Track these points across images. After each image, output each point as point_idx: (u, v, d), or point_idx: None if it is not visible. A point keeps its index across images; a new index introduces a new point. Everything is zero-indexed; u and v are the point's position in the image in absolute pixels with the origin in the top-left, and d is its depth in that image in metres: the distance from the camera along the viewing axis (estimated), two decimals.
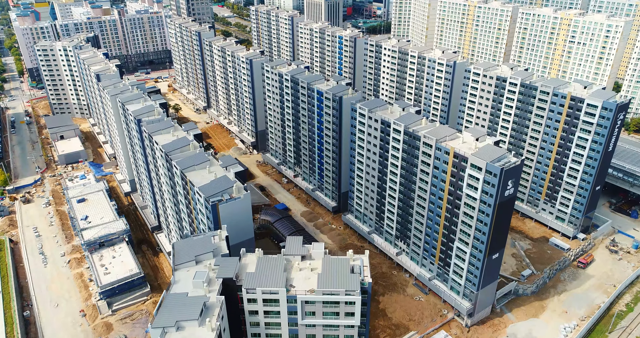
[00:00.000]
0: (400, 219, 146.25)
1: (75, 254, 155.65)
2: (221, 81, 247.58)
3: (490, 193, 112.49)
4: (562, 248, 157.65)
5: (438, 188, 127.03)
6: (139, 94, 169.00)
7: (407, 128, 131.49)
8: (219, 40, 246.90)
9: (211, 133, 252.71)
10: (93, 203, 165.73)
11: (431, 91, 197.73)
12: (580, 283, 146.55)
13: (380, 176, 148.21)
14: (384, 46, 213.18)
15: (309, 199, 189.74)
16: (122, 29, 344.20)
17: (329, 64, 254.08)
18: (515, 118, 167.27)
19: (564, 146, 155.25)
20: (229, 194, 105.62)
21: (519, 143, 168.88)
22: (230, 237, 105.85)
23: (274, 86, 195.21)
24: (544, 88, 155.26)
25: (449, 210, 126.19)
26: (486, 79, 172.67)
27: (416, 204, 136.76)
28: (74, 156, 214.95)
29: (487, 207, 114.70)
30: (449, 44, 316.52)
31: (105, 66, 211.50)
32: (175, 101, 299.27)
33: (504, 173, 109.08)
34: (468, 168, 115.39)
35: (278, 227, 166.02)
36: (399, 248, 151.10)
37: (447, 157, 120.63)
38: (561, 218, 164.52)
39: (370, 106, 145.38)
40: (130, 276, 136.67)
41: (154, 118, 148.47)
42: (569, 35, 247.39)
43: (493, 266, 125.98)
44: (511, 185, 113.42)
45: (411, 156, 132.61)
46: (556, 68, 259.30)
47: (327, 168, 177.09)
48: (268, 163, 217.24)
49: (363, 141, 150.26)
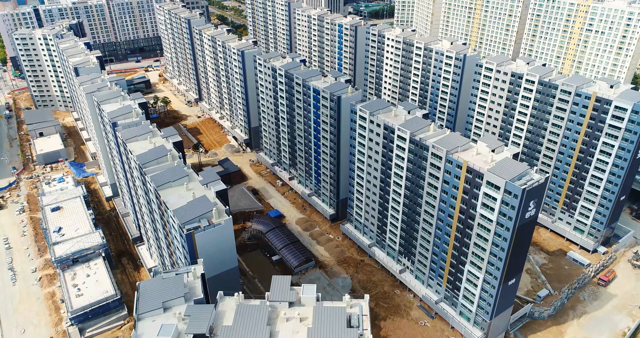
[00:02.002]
0: (404, 234, 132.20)
1: (47, 270, 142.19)
2: (212, 73, 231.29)
3: (509, 216, 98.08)
4: (582, 264, 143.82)
5: (448, 205, 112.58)
6: (118, 92, 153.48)
7: (413, 135, 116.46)
8: (210, 28, 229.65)
9: (202, 128, 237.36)
10: (68, 212, 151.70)
11: (438, 85, 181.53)
12: (602, 304, 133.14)
13: (383, 186, 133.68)
14: (387, 36, 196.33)
15: (305, 204, 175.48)
16: (109, 14, 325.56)
17: (328, 54, 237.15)
18: (531, 119, 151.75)
19: (586, 151, 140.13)
20: (207, 220, 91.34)
21: (535, 146, 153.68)
22: (210, 268, 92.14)
23: (267, 81, 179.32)
24: (566, 87, 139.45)
25: (459, 229, 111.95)
26: (499, 75, 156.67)
27: (422, 220, 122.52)
28: (53, 156, 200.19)
29: (504, 231, 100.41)
30: (456, 31, 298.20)
31: (85, 57, 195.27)
32: (165, 92, 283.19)
33: (526, 194, 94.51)
34: (484, 186, 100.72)
35: (271, 238, 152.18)
36: (403, 265, 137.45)
37: (459, 171, 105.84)
38: (580, 229, 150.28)
39: (371, 108, 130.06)
40: (105, 299, 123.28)
41: (132, 121, 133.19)
42: (586, 23, 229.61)
43: (509, 292, 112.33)
44: (533, 206, 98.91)
45: (417, 166, 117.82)
46: (571, 58, 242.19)
47: (324, 173, 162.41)
48: (262, 162, 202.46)
49: (364, 147, 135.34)
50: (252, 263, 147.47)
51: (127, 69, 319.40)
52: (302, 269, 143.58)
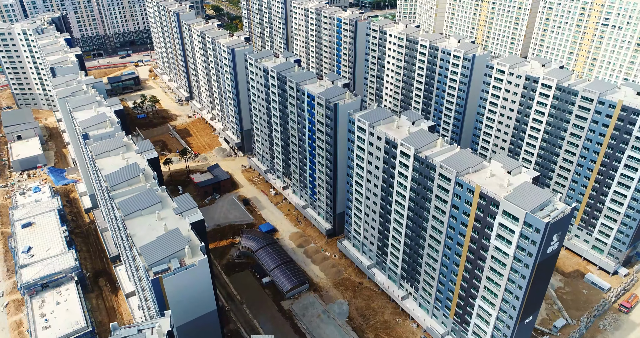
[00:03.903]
0: (406, 257, 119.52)
1: (16, 294, 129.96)
2: (203, 71, 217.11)
3: (529, 252, 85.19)
4: (601, 288, 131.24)
5: (457, 232, 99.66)
6: (93, 96, 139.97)
7: (418, 152, 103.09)
8: (200, 23, 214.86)
9: (192, 130, 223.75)
10: (41, 229, 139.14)
11: (444, 87, 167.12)
12: (624, 334, 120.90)
13: (384, 204, 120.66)
14: (390, 32, 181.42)
15: (300, 217, 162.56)
16: (97, 5, 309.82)
17: (325, 50, 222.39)
18: (547, 128, 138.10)
19: (609, 165, 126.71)
20: (179, 260, 78.52)
21: (550, 157, 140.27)
22: (182, 314, 79.70)
23: (258, 82, 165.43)
24: (587, 94, 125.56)
25: (470, 260, 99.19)
26: (512, 79, 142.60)
27: (427, 245, 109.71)
28: (31, 161, 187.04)
29: (522, 267, 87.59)
30: (462, 24, 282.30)
31: (64, 56, 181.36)
32: (156, 89, 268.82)
33: (550, 227, 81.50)
34: (499, 216, 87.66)
35: (261, 257, 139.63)
36: (405, 291, 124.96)
37: (471, 197, 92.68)
38: (599, 248, 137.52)
39: (371, 119, 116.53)
40: (75, 332, 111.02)
41: (105, 132, 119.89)
42: (602, 18, 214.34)
43: (525, 330, 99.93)
44: (556, 240, 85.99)
45: (423, 187, 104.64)
46: (584, 55, 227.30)
47: (319, 184, 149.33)
48: (254, 168, 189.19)
49: (362, 160, 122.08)
50: (240, 286, 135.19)
51: (117, 63, 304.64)
52: (295, 293, 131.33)
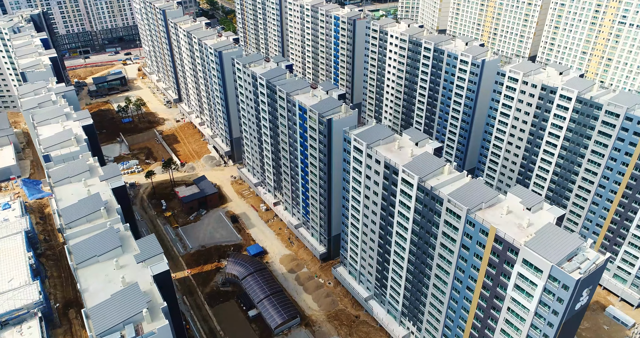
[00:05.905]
0: (408, 294, 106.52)
1: None
2: (190, 73, 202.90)
3: (555, 310, 71.93)
4: (625, 324, 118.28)
5: (467, 275, 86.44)
6: (62, 108, 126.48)
7: (422, 181, 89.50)
8: (187, 21, 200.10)
9: (180, 135, 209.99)
10: (3, 255, 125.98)
11: (450, 94, 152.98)
12: None
13: (383, 234, 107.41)
14: (391, 33, 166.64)
15: (292, 237, 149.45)
16: (83, 0, 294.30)
17: (322, 50, 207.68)
18: (565, 143, 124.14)
19: (635, 188, 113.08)
20: (135, 326, 65.36)
21: (567, 175, 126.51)
22: None
23: (247, 89, 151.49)
24: (612, 108, 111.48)
25: (481, 307, 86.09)
26: (526, 88, 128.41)
27: (432, 284, 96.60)
28: (4, 173, 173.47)
29: (545, 326, 74.43)
30: (467, 20, 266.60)
31: (37, 59, 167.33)
32: (144, 89, 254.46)
33: (580, 284, 68.18)
34: (519, 265, 74.31)
35: (248, 286, 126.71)
36: (407, 329, 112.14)
37: (484, 239, 79.27)
38: (622, 277, 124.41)
39: (369, 138, 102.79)
40: None
41: (69, 152, 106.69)
42: (619, 15, 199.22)
43: None
44: (586, 295, 72.71)
45: (428, 221, 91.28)
46: (599, 55, 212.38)
47: (313, 204, 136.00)
48: (244, 180, 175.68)
49: (359, 184, 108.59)
50: (224, 319, 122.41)
51: (104, 61, 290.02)
52: (284, 328, 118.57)
